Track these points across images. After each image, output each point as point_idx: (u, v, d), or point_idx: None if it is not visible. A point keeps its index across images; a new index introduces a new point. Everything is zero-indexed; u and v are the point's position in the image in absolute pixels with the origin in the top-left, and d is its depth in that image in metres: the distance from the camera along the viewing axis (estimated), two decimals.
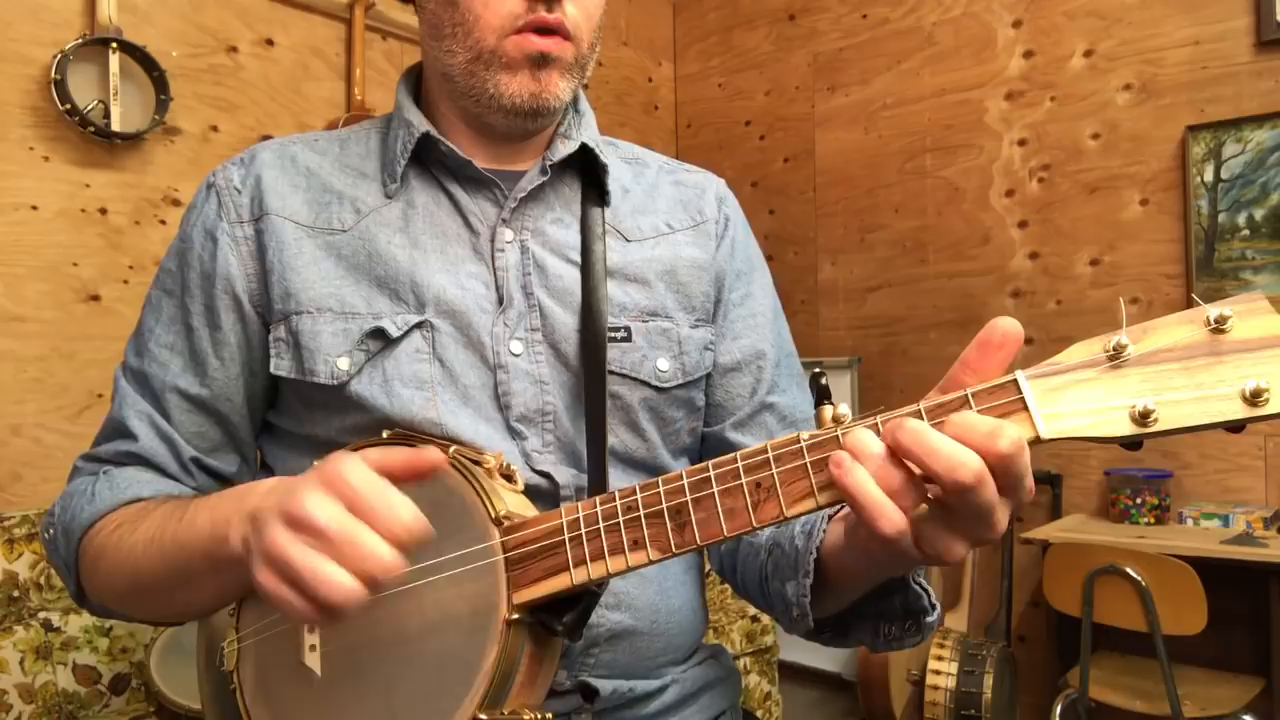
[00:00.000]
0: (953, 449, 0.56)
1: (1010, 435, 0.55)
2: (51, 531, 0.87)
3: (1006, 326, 0.60)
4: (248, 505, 0.69)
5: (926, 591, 0.78)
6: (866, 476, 0.58)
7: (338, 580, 0.59)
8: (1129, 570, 2.40)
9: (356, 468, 0.63)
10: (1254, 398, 0.52)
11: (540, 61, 0.84)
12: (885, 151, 3.64)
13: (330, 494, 0.61)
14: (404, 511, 0.61)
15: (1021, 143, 3.31)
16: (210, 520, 0.73)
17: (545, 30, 0.83)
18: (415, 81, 0.96)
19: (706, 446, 0.98)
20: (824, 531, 0.78)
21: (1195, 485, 2.95)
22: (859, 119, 3.71)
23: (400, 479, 0.65)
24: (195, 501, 0.77)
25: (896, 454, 0.58)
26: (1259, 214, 2.85)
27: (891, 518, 0.58)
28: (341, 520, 0.60)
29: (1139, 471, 2.90)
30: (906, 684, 2.84)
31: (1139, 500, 2.85)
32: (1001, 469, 0.56)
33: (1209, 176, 2.92)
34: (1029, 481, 0.57)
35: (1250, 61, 2.87)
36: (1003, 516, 0.58)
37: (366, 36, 3.04)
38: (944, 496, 0.57)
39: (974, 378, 0.60)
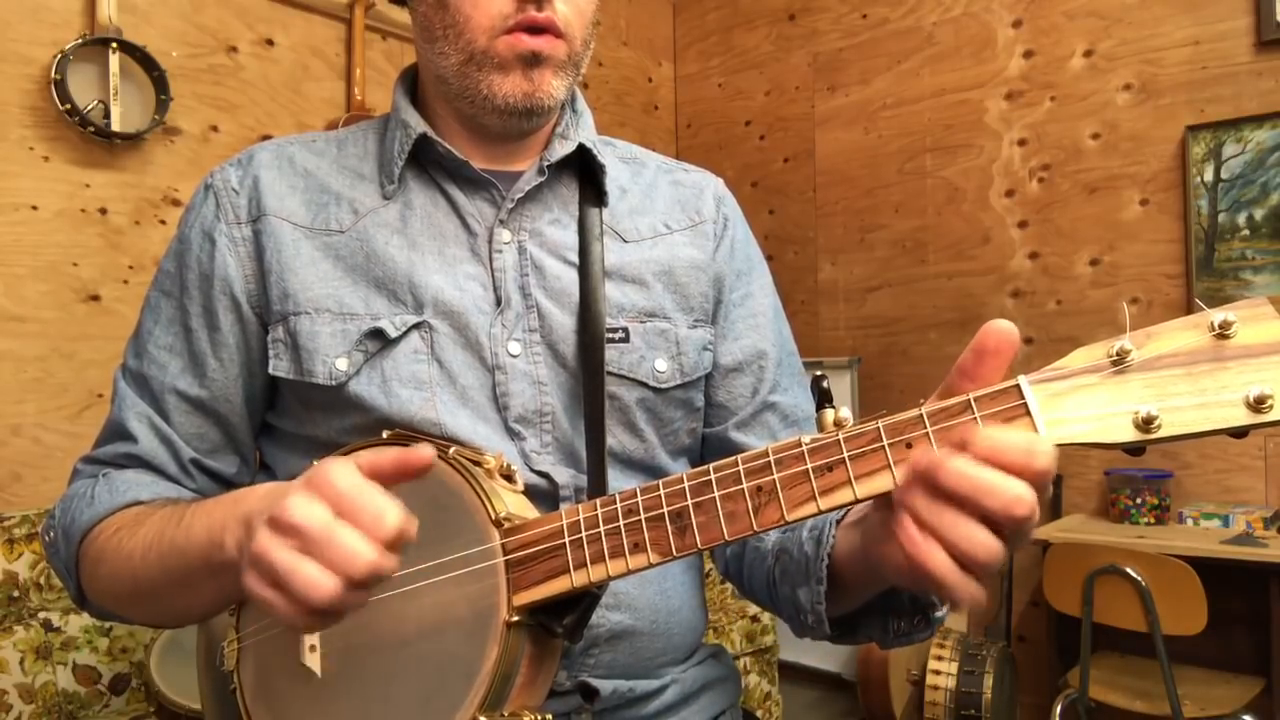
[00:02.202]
0: (1006, 485, 0.55)
1: (1045, 450, 0.55)
2: (52, 534, 0.87)
3: (1001, 331, 0.59)
4: (241, 510, 0.69)
5: None
6: (944, 556, 0.57)
7: (316, 580, 0.59)
8: (1129, 570, 2.40)
9: (342, 470, 0.63)
10: (1258, 404, 0.52)
11: (532, 60, 0.84)
12: (885, 151, 3.64)
13: (315, 497, 0.61)
14: (387, 511, 0.61)
15: (1021, 143, 3.31)
16: (206, 526, 0.73)
17: (536, 29, 0.83)
18: (412, 82, 0.96)
19: (709, 447, 0.98)
20: (833, 538, 0.78)
21: (1195, 485, 2.95)
22: (859, 119, 3.71)
23: (392, 479, 0.65)
24: (192, 507, 0.77)
25: (944, 497, 0.56)
26: (1259, 214, 2.85)
27: (971, 592, 0.57)
28: (322, 521, 0.60)
29: (1139, 471, 2.90)
30: (906, 684, 2.85)
31: (1139, 500, 2.85)
32: (1041, 485, 0.56)
33: (1209, 176, 2.92)
34: (1049, 485, 0.57)
35: (1250, 61, 2.87)
36: (1036, 524, 0.58)
37: (366, 36, 3.04)
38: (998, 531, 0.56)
39: (972, 385, 0.59)
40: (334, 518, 0.60)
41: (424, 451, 0.65)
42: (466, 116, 0.90)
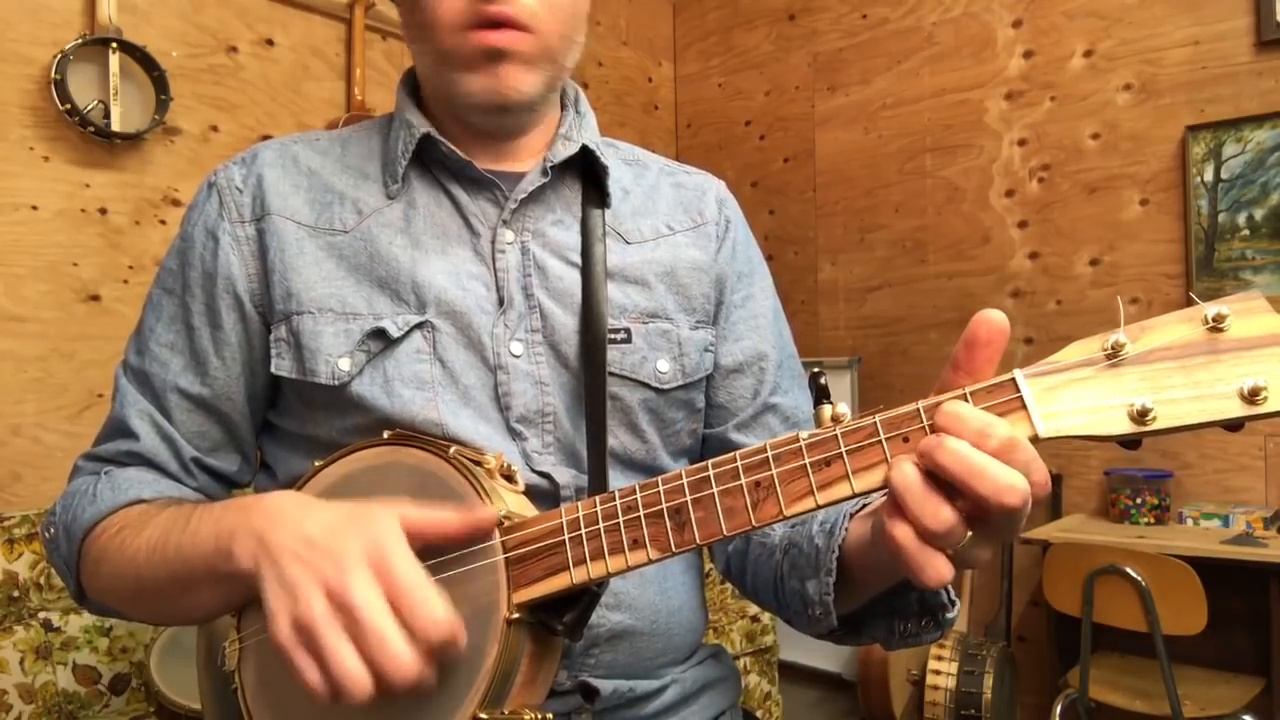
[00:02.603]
0: (999, 473, 0.55)
1: (1027, 447, 0.56)
2: (52, 531, 0.87)
3: (991, 322, 0.59)
4: (256, 525, 0.69)
5: (945, 588, 0.77)
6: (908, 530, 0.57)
7: (355, 674, 0.61)
8: (1129, 570, 2.40)
9: (403, 555, 0.64)
10: (1252, 396, 0.52)
11: (494, 56, 0.83)
12: (885, 151, 3.64)
13: (375, 578, 0.62)
14: (441, 619, 0.62)
15: (1021, 143, 3.31)
16: (214, 533, 0.72)
17: (495, 24, 0.82)
18: (415, 82, 0.96)
19: (709, 448, 0.98)
20: (845, 530, 0.77)
21: (1195, 485, 2.95)
22: (859, 119, 3.71)
23: (444, 541, 0.67)
24: (198, 511, 0.77)
25: (935, 475, 0.57)
26: (1259, 214, 2.85)
27: (939, 570, 0.58)
28: (381, 618, 0.61)
29: (1139, 471, 2.90)
30: (906, 684, 2.85)
31: (1139, 500, 2.85)
32: (1031, 474, 0.56)
33: (1209, 176, 2.92)
34: (1043, 479, 0.57)
35: (1250, 61, 2.87)
36: (1025, 516, 0.58)
37: (366, 36, 3.04)
38: (986, 516, 0.57)
39: (967, 378, 0.59)
40: (389, 613, 0.62)
41: (487, 515, 0.68)
42: (459, 116, 0.90)
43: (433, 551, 0.70)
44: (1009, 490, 0.55)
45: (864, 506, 0.78)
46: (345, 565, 0.63)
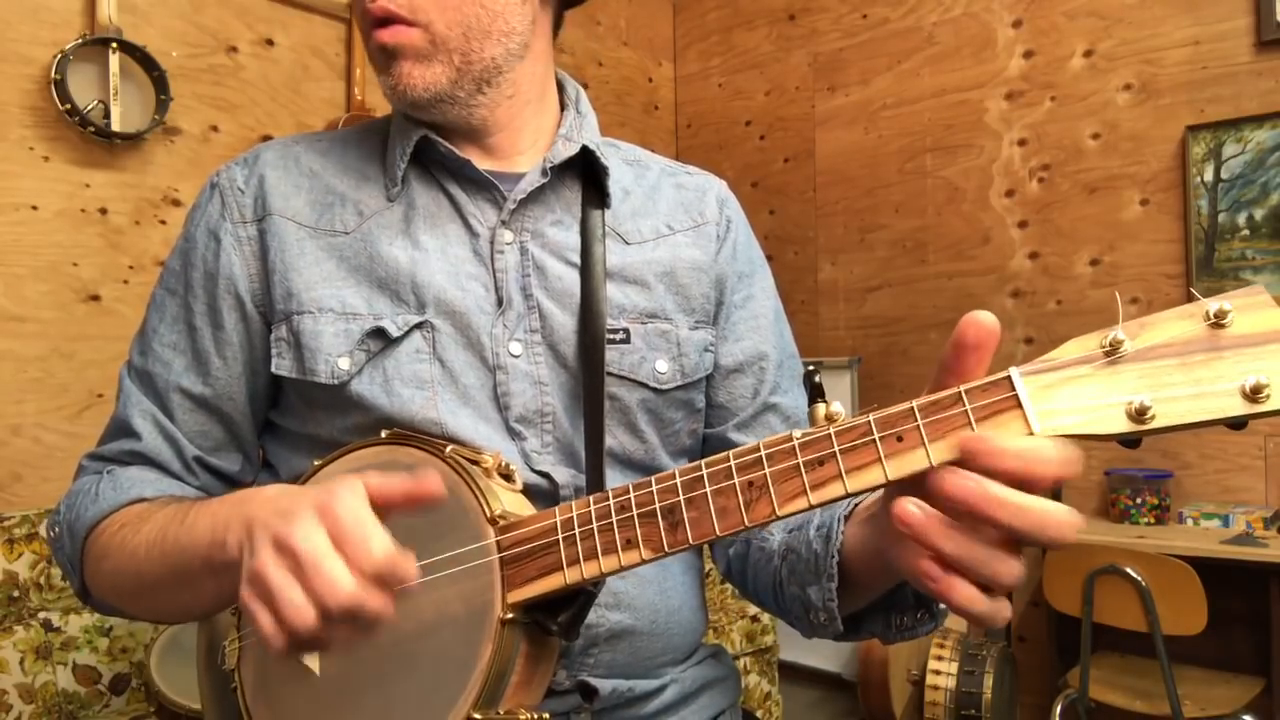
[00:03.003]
0: (1041, 506, 0.54)
1: (1068, 456, 0.54)
2: (56, 530, 0.87)
3: (980, 325, 0.57)
4: (246, 512, 0.70)
5: None
6: (966, 585, 0.56)
7: (297, 606, 0.60)
8: (1129, 570, 2.40)
9: (347, 497, 0.63)
10: (1254, 393, 0.51)
11: (388, 54, 0.84)
12: (885, 151, 3.64)
13: (319, 522, 0.62)
14: (375, 544, 0.61)
15: (1021, 143, 3.31)
16: (210, 526, 0.73)
17: (382, 22, 0.83)
18: None
19: (709, 447, 0.98)
20: (842, 534, 0.77)
21: (1195, 485, 2.95)
22: (859, 119, 3.71)
23: (400, 506, 0.65)
24: (197, 505, 0.77)
25: (966, 515, 0.55)
26: (1259, 214, 2.85)
27: (1000, 612, 0.57)
28: (316, 548, 0.60)
29: (1139, 471, 2.90)
30: (906, 684, 2.85)
31: (1139, 500, 2.85)
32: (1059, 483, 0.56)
33: (1209, 176, 2.92)
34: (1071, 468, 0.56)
35: (1250, 61, 2.87)
36: None
37: None
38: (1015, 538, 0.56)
39: (957, 380, 0.58)
40: (329, 546, 0.61)
41: (434, 483, 0.65)
42: None
43: (427, 551, 0.70)
44: (1054, 525, 0.54)
45: (856, 506, 0.78)
46: (293, 515, 0.63)
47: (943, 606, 0.78)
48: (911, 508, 0.56)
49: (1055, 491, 3.11)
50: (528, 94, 0.93)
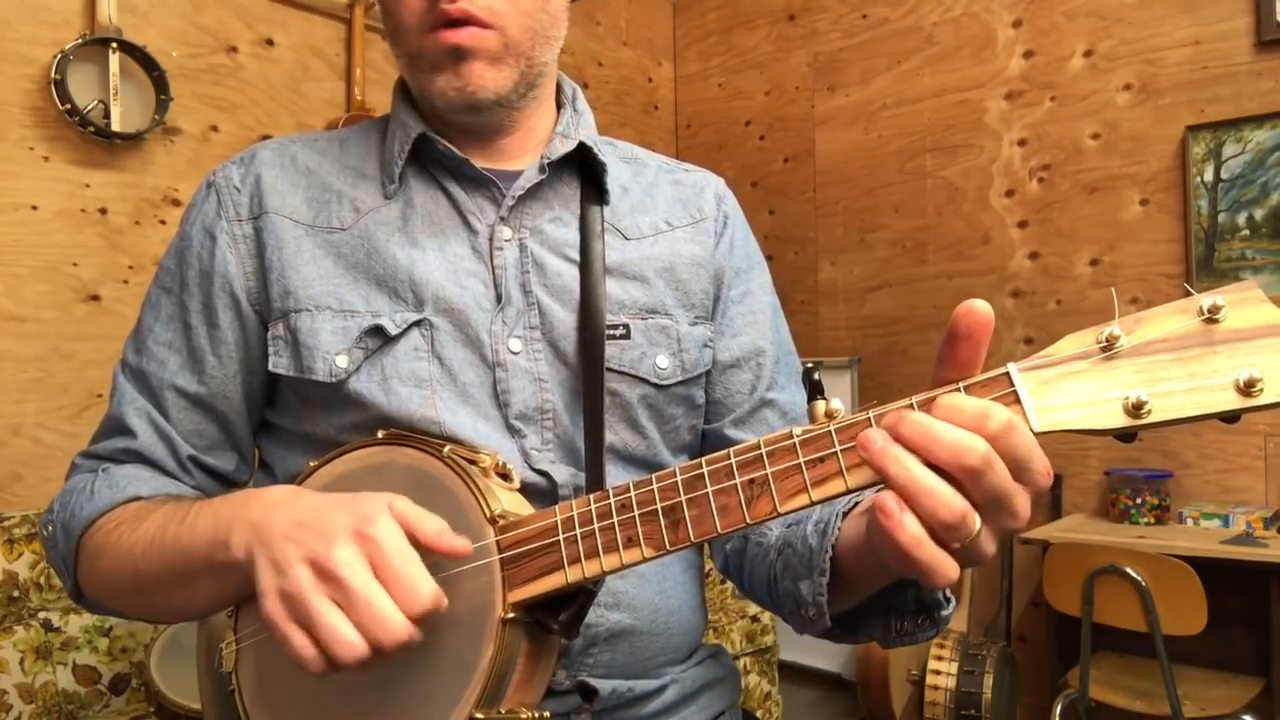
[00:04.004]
0: (955, 434, 0.55)
1: (999, 415, 0.55)
2: (50, 528, 0.87)
3: (973, 313, 0.58)
4: (253, 515, 0.70)
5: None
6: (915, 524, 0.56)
7: (348, 639, 0.62)
8: (1129, 570, 2.39)
9: (391, 531, 0.64)
10: (1248, 388, 0.52)
11: (457, 55, 0.84)
12: (885, 151, 3.64)
13: (360, 550, 0.63)
14: (424, 586, 0.63)
15: (1021, 143, 3.31)
16: (211, 525, 0.73)
17: (455, 23, 0.82)
18: None
19: (707, 444, 0.98)
20: (839, 529, 0.77)
21: (1195, 485, 2.94)
22: (859, 119, 3.71)
23: (426, 549, 0.66)
24: (196, 504, 0.77)
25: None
26: (1259, 214, 2.85)
27: (947, 568, 0.57)
28: (366, 583, 0.62)
29: (1139, 471, 2.90)
30: (906, 684, 2.84)
31: (1139, 500, 2.85)
32: (1003, 449, 0.55)
33: (1209, 176, 2.92)
34: (1039, 464, 0.56)
35: (1250, 61, 2.87)
36: (1023, 503, 0.57)
37: (366, 36, 3.04)
38: (995, 501, 0.56)
39: (955, 372, 0.59)
40: (375, 581, 0.62)
41: (462, 548, 0.67)
42: (442, 116, 0.91)
43: (428, 552, 0.70)
44: (967, 451, 0.54)
45: (855, 505, 0.78)
46: (330, 538, 0.64)
47: (945, 614, 0.78)
48: (871, 433, 0.58)
49: (1055, 492, 3.12)
50: (545, 94, 0.94)
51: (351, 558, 0.63)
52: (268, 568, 0.66)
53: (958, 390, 0.57)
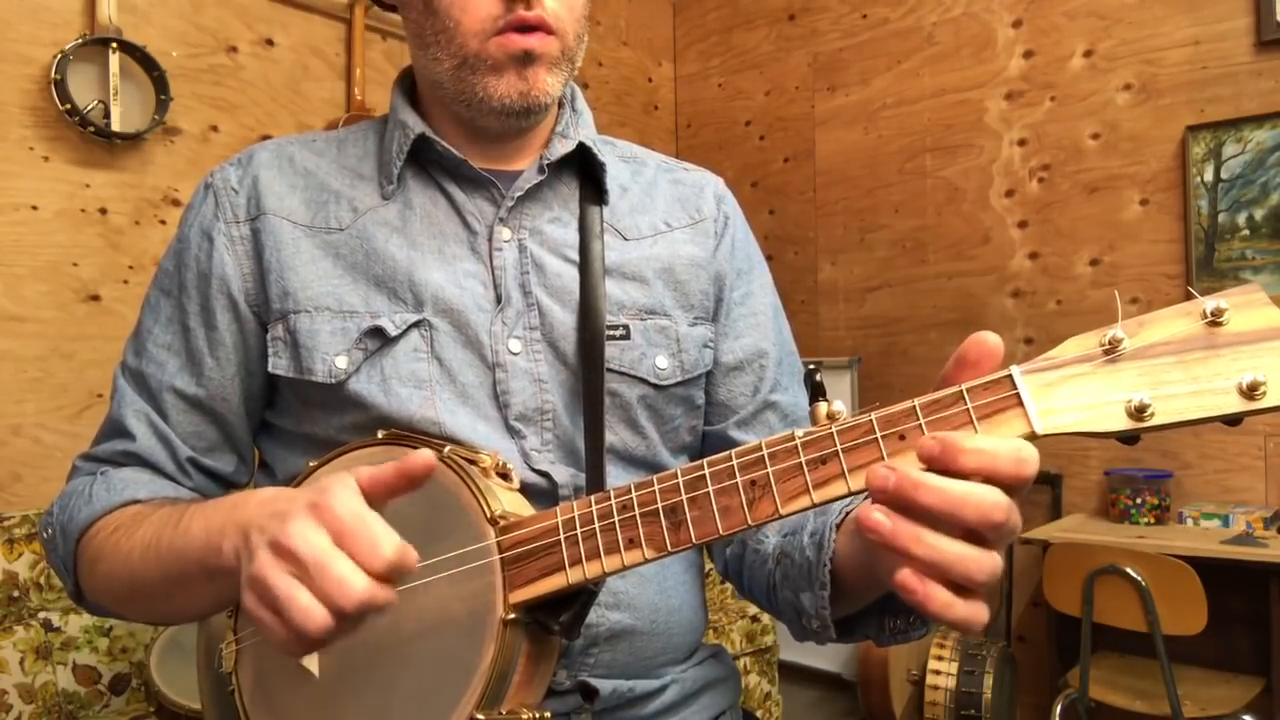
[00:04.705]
0: (979, 495, 0.54)
1: (1030, 455, 0.55)
2: (50, 531, 0.87)
3: (984, 345, 0.58)
4: (240, 516, 0.69)
5: None
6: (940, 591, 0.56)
7: (308, 609, 0.59)
8: (1129, 570, 2.40)
9: (344, 495, 0.62)
10: (1251, 391, 0.52)
11: (525, 59, 0.84)
12: (885, 151, 3.64)
13: (316, 523, 0.61)
14: (382, 541, 0.60)
15: (1021, 143, 3.31)
16: (204, 530, 0.73)
17: (526, 28, 0.83)
18: (410, 83, 0.96)
19: (709, 445, 0.98)
20: (834, 542, 0.77)
21: (1195, 485, 2.95)
22: (859, 119, 3.71)
23: (396, 490, 0.65)
24: (191, 509, 0.77)
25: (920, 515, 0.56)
26: (1259, 214, 2.85)
27: (977, 615, 0.57)
28: (320, 550, 0.60)
29: (1139, 471, 2.90)
30: (906, 684, 2.85)
31: (1139, 500, 2.85)
32: (1021, 486, 0.56)
33: (1209, 176, 2.92)
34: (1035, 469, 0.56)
35: (1250, 61, 2.87)
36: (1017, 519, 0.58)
37: (366, 36, 3.04)
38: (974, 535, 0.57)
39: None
40: (332, 546, 0.60)
41: (422, 455, 0.65)
42: (464, 118, 0.90)
43: (428, 553, 0.70)
44: (994, 508, 0.54)
45: (848, 513, 0.78)
46: (286, 516, 0.62)
47: None
48: (877, 515, 0.57)
49: (1055, 492, 3.11)
50: None
51: (304, 528, 0.61)
52: (241, 557, 0.66)
53: (961, 394, 0.57)
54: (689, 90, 4.27)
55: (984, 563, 0.55)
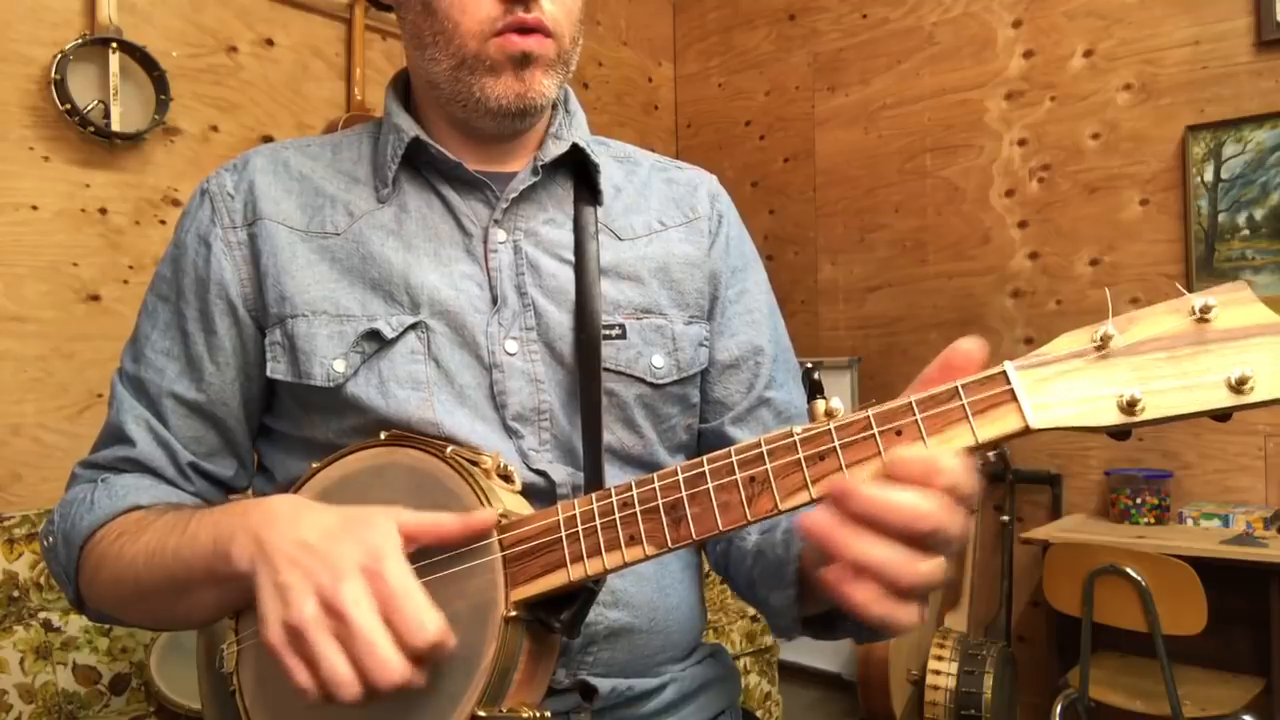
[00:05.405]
0: (902, 503, 0.57)
1: (946, 466, 0.57)
2: (51, 539, 0.87)
3: (967, 354, 0.61)
4: (251, 524, 0.70)
5: None
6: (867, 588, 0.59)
7: (344, 677, 0.62)
8: (1129, 570, 2.40)
9: (397, 566, 0.65)
10: (1239, 385, 0.53)
11: (523, 61, 0.84)
12: (885, 151, 3.64)
13: (370, 590, 0.64)
14: (430, 623, 0.63)
15: (1021, 143, 3.31)
16: (213, 536, 0.73)
17: (525, 29, 0.83)
18: (404, 86, 0.96)
19: (705, 443, 0.98)
20: (802, 542, 0.79)
21: (1195, 485, 2.95)
22: (859, 119, 3.71)
23: (448, 545, 0.68)
24: (197, 515, 0.77)
25: (854, 520, 0.58)
26: (1259, 214, 2.85)
27: (903, 617, 0.59)
28: (371, 625, 0.63)
29: (1139, 471, 2.90)
30: (906, 684, 2.84)
31: (1139, 500, 2.85)
32: (956, 496, 0.58)
33: (1209, 176, 2.92)
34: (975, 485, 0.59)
35: (1250, 61, 2.87)
36: (967, 524, 0.59)
37: (366, 36, 3.04)
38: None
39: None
40: (380, 624, 0.63)
41: (488, 515, 0.69)
42: (459, 119, 0.90)
43: (430, 551, 0.70)
44: (920, 519, 0.57)
45: None
46: (338, 571, 0.64)
47: None
48: (814, 518, 0.59)
49: (1055, 491, 3.11)
50: None
51: (359, 595, 0.63)
52: (272, 592, 0.66)
53: (956, 390, 0.58)
54: (689, 90, 4.27)
55: (911, 569, 0.58)
